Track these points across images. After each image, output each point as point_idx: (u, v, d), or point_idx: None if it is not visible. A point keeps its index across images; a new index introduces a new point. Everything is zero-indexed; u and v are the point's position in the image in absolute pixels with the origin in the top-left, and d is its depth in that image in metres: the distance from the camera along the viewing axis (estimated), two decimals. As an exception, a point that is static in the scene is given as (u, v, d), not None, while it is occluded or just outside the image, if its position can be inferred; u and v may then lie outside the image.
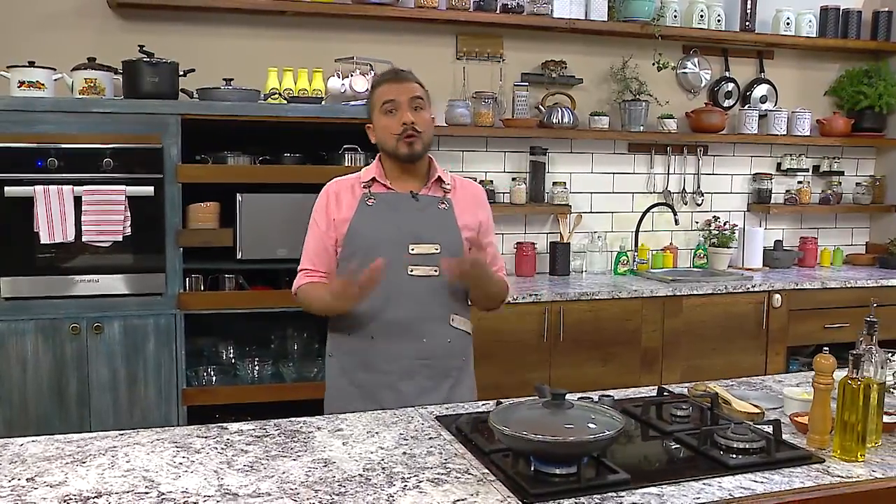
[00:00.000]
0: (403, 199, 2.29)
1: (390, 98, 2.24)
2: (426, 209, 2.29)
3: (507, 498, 1.50)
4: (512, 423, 1.58)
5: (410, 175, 2.32)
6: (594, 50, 4.41)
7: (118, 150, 3.17)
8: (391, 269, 2.17)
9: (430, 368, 2.27)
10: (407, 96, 2.24)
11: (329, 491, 1.53)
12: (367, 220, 2.26)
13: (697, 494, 1.54)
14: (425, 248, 2.24)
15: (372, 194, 2.29)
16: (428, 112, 2.30)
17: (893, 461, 1.73)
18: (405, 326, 2.24)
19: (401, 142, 2.23)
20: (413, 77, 2.32)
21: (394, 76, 2.31)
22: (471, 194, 2.41)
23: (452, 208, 2.32)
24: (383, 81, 2.31)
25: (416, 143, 2.24)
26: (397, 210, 2.27)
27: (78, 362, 3.19)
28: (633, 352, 3.93)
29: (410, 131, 2.22)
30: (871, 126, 4.87)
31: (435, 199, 2.31)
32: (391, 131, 2.24)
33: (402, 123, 2.22)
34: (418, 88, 2.28)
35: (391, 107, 2.24)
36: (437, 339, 2.28)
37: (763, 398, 2.17)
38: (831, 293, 4.29)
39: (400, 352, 2.25)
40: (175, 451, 1.74)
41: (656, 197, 4.62)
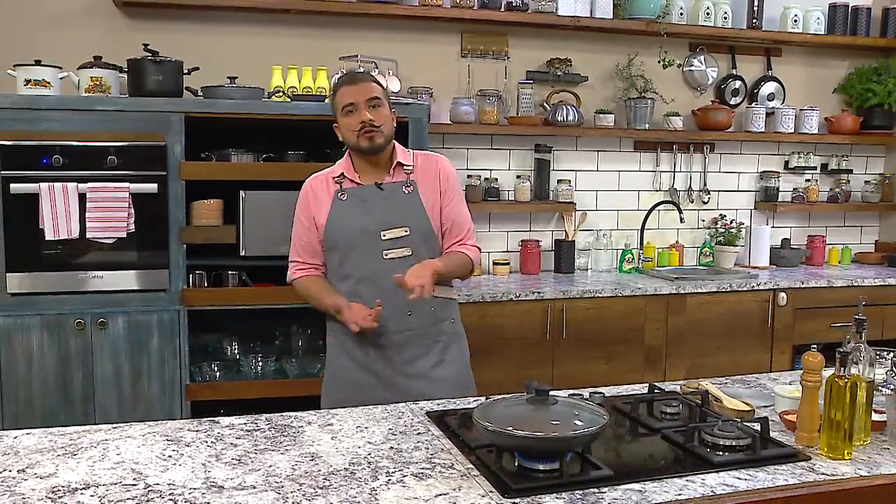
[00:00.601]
0: (370, 191, 2.48)
1: (349, 101, 2.43)
2: (392, 196, 2.48)
3: (489, 493, 1.51)
4: (496, 418, 1.60)
5: (375, 166, 2.51)
6: (599, 48, 4.40)
7: (122, 147, 3.20)
8: (369, 256, 2.44)
9: (419, 336, 2.48)
10: (364, 97, 2.42)
11: (313, 484, 1.55)
12: (341, 215, 2.47)
13: (679, 491, 1.54)
14: (396, 232, 2.45)
15: (343, 190, 2.50)
16: (385, 108, 2.47)
17: (881, 459, 1.73)
18: (390, 305, 2.40)
19: (361, 137, 2.43)
20: (369, 77, 2.53)
21: (350, 80, 2.49)
22: (430, 168, 2.56)
23: (416, 188, 2.50)
24: (341, 85, 2.49)
25: (376, 137, 2.43)
26: (366, 201, 2.47)
27: (83, 357, 3.23)
28: (636, 350, 3.92)
29: (369, 127, 2.41)
30: (880, 124, 4.83)
31: (398, 184, 2.50)
32: (352, 129, 2.44)
33: (360, 121, 2.42)
34: (375, 88, 2.46)
35: (351, 108, 2.43)
36: (421, 311, 2.47)
37: (755, 396, 2.17)
38: (838, 292, 4.26)
39: (389, 327, 2.44)
40: (166, 444, 1.77)
41: (662, 195, 4.61)
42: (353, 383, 2.48)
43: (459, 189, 2.61)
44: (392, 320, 2.43)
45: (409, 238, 2.45)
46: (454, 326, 2.58)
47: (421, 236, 2.46)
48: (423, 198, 2.50)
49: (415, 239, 2.45)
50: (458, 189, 2.60)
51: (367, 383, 2.46)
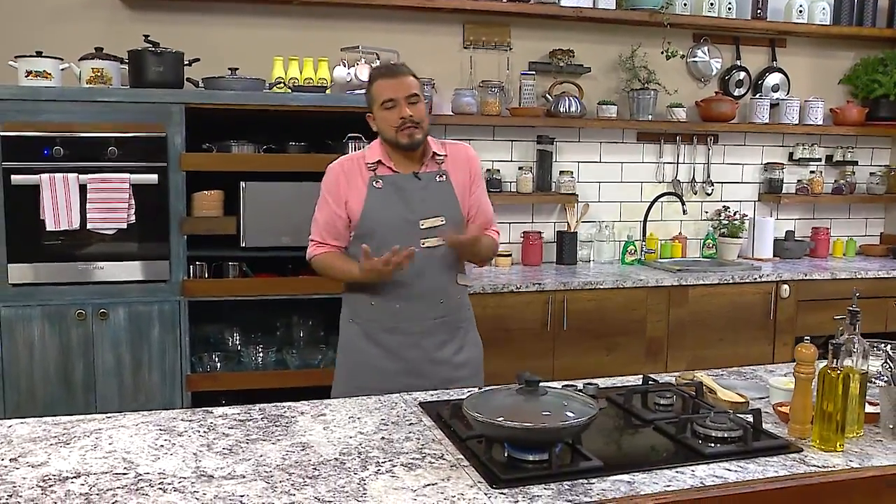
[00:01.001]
0: (407, 180, 2.50)
1: (389, 97, 2.42)
2: (428, 186, 2.51)
3: (478, 483, 1.52)
4: (486, 409, 1.60)
5: (410, 156, 2.51)
6: (602, 38, 4.38)
7: (123, 138, 3.21)
8: (407, 244, 2.39)
9: (446, 324, 2.53)
10: (404, 94, 2.42)
11: (303, 474, 1.55)
12: (378, 204, 2.47)
13: (669, 482, 1.54)
14: (432, 221, 2.48)
15: (378, 177, 2.49)
16: (423, 103, 2.48)
17: (873, 452, 1.73)
18: (426, 293, 2.48)
19: (401, 133, 2.43)
20: (407, 70, 2.49)
21: (389, 73, 2.47)
22: (459, 157, 2.60)
23: (448, 177, 2.54)
24: (379, 77, 2.48)
25: (416, 134, 2.44)
26: (403, 190, 2.48)
27: (84, 348, 3.25)
28: (637, 342, 3.92)
29: (409, 124, 2.42)
30: (886, 115, 4.79)
31: (433, 174, 2.52)
32: (391, 124, 2.43)
33: (400, 117, 2.41)
34: (414, 83, 2.46)
35: (391, 104, 2.42)
36: (451, 299, 2.55)
37: (750, 387, 2.17)
38: (841, 284, 4.24)
39: (423, 314, 2.49)
40: (158, 433, 1.77)
41: (665, 186, 4.59)
42: (377, 371, 2.48)
43: (483, 181, 2.68)
44: (428, 308, 2.49)
45: (445, 227, 2.48)
46: (470, 313, 2.67)
47: (454, 224, 2.50)
48: (455, 186, 2.54)
49: (449, 227, 2.49)
50: (482, 176, 2.68)
51: (393, 370, 2.47)
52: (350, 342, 2.59)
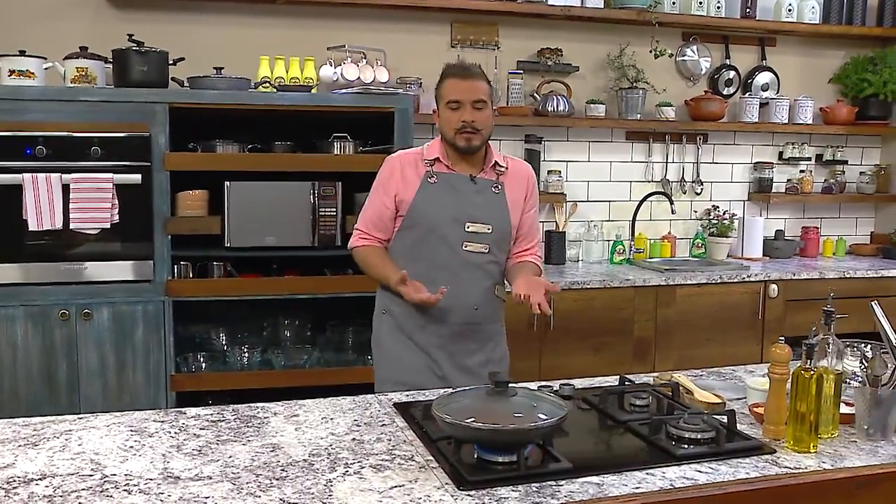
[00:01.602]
0: (462, 181, 2.47)
1: (455, 99, 2.40)
2: (482, 192, 2.48)
3: (445, 485, 1.51)
4: (454, 410, 1.59)
5: (469, 158, 2.49)
6: (591, 37, 4.37)
7: (106, 138, 3.20)
8: (449, 244, 2.44)
9: (477, 332, 2.51)
10: (471, 99, 2.39)
11: (270, 475, 1.55)
12: (429, 198, 2.45)
13: (638, 484, 1.53)
14: (479, 227, 2.45)
15: (434, 173, 2.47)
16: (488, 109, 2.45)
17: (846, 452, 1.72)
18: (460, 295, 2.44)
19: (459, 136, 2.41)
20: (479, 74, 2.46)
21: (461, 74, 2.44)
22: (520, 173, 2.57)
23: (504, 191, 2.51)
24: (450, 76, 2.45)
25: (473, 140, 2.42)
26: (457, 190, 2.46)
27: (67, 348, 3.23)
28: (625, 342, 3.91)
29: (469, 129, 2.40)
30: (876, 114, 4.79)
31: (490, 182, 2.50)
32: (452, 126, 2.41)
33: (462, 120, 2.39)
34: (482, 88, 2.43)
35: (456, 105, 2.40)
36: (485, 307, 2.51)
37: (729, 388, 2.16)
38: (830, 283, 4.22)
39: (454, 317, 2.46)
40: (129, 434, 1.76)
41: (654, 186, 4.58)
42: (411, 367, 2.47)
43: (537, 205, 2.64)
44: (459, 312, 2.46)
45: (490, 236, 2.46)
46: (502, 328, 2.63)
47: (500, 236, 2.48)
48: (509, 200, 2.51)
49: (494, 237, 2.47)
50: (537, 198, 2.63)
51: (424, 366, 2.46)
52: (382, 335, 2.58)
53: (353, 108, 3.44)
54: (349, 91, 3.53)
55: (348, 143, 3.54)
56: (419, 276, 2.41)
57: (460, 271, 2.45)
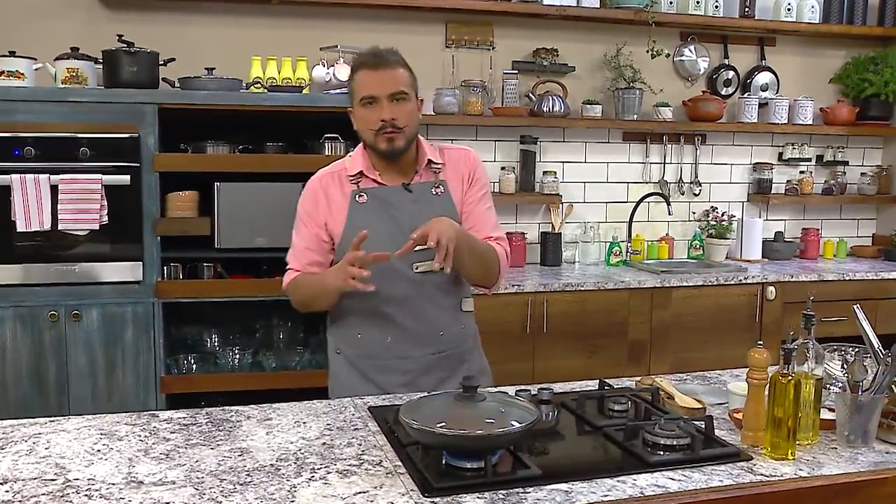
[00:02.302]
0: (396, 193, 2.17)
1: (369, 94, 2.08)
2: (421, 199, 2.17)
3: (410, 491, 1.48)
4: (423, 416, 1.56)
5: (398, 164, 2.18)
6: (587, 37, 4.34)
7: (95, 139, 3.19)
8: (397, 270, 2.11)
9: (447, 359, 2.23)
10: (387, 91, 2.07)
11: (234, 480, 1.53)
12: (361, 221, 2.12)
13: (607, 492, 1.50)
14: None
15: (361, 190, 2.17)
16: (412, 102, 2.13)
17: (825, 460, 1.68)
18: (421, 325, 2.18)
19: (379, 137, 2.11)
20: (395, 60, 2.13)
21: (373, 62, 2.10)
22: (459, 163, 2.26)
23: (447, 188, 2.21)
24: (362, 67, 2.12)
25: (397, 140, 2.11)
26: (391, 205, 2.15)
27: (56, 349, 3.23)
28: (619, 344, 3.87)
29: (390, 128, 2.09)
30: (877, 114, 4.74)
31: (428, 185, 2.19)
32: (370, 126, 2.11)
33: (380, 119, 2.08)
34: (401, 78, 2.10)
35: (370, 100, 2.09)
36: (453, 330, 2.23)
37: (712, 393, 2.13)
38: (829, 286, 4.19)
39: (419, 350, 2.19)
40: (98, 438, 1.75)
41: (652, 187, 4.55)
42: None
43: (486, 184, 2.30)
44: (424, 343, 2.19)
45: None
46: (476, 343, 2.34)
47: None
48: (455, 199, 2.22)
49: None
50: (484, 182, 2.29)
51: None
52: (339, 374, 2.28)
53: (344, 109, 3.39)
54: (340, 91, 3.51)
55: (339, 144, 3.52)
56: (370, 315, 2.16)
57: (416, 297, 2.16)
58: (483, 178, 2.29)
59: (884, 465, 1.67)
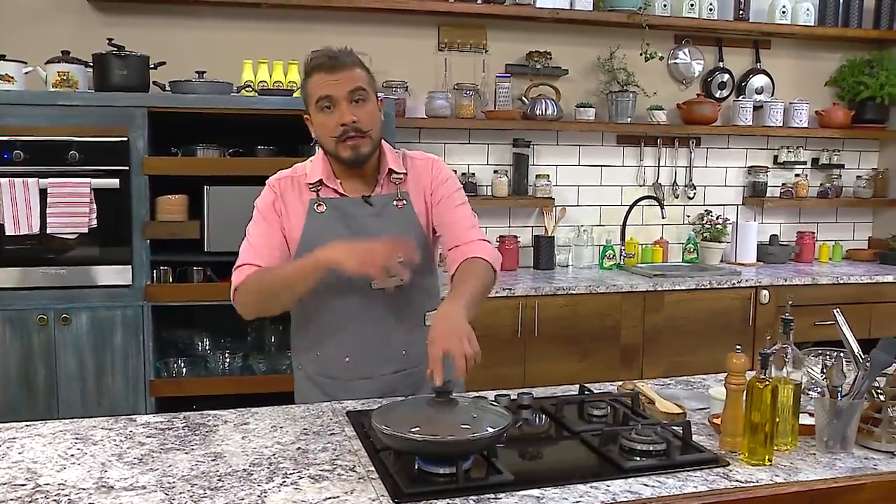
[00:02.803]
0: (356, 205, 2.05)
1: (325, 94, 1.94)
2: (382, 213, 2.06)
3: (381, 497, 1.47)
4: (395, 421, 1.55)
5: (361, 171, 2.05)
6: (580, 40, 4.33)
7: (84, 142, 3.19)
8: (353, 287, 1.99)
9: (411, 377, 2.10)
10: (344, 90, 1.93)
11: (205, 485, 1.52)
12: (319, 233, 2.01)
13: (579, 498, 1.49)
14: None
15: (321, 199, 2.05)
16: (373, 102, 1.99)
17: (803, 465, 1.67)
18: (380, 344, 2.07)
19: (341, 144, 1.97)
20: (351, 60, 1.97)
21: (327, 63, 1.95)
22: (421, 172, 2.13)
23: (409, 201, 2.09)
24: (315, 69, 1.97)
25: (361, 146, 1.97)
26: (351, 218, 2.04)
27: (46, 353, 3.22)
28: (611, 348, 3.86)
29: (352, 132, 1.95)
30: (873, 117, 4.73)
31: (389, 197, 2.07)
32: (329, 132, 1.97)
33: (340, 123, 1.94)
34: (358, 76, 1.95)
35: (327, 103, 1.95)
36: (417, 346, 2.01)
37: (694, 398, 2.12)
38: (823, 289, 4.17)
39: (380, 370, 2.09)
40: (73, 442, 1.74)
41: (646, 190, 4.54)
42: None
43: (455, 187, 2.14)
44: (385, 363, 2.08)
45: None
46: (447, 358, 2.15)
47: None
48: (418, 211, 2.09)
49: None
50: (450, 181, 2.13)
51: None
52: (303, 392, 2.18)
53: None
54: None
55: (328, 148, 3.51)
56: (326, 333, 2.06)
57: (375, 316, 2.04)
58: (448, 178, 2.14)
59: (861, 470, 1.66)
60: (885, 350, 1.77)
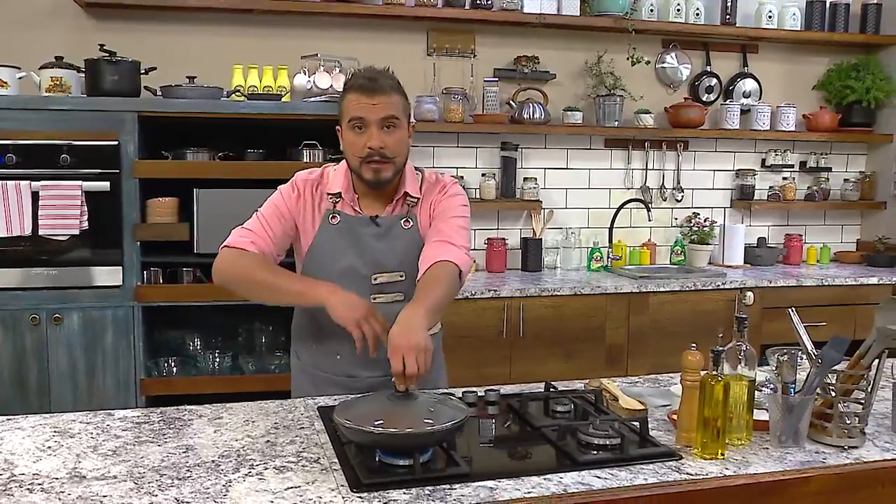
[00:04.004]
0: (364, 224, 2.11)
1: (358, 116, 1.99)
2: (387, 234, 2.12)
3: (341, 486, 1.53)
4: (357, 415, 1.61)
5: (379, 193, 2.11)
6: (568, 45, 4.39)
7: (76, 146, 3.27)
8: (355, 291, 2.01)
9: None
10: (377, 115, 1.98)
11: (174, 476, 1.58)
12: (329, 244, 2.11)
13: (531, 489, 1.55)
14: (388, 276, 2.11)
15: (336, 212, 2.11)
16: (404, 129, 2.05)
17: (754, 459, 1.72)
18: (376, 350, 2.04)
19: (365, 165, 2.02)
20: (390, 85, 2.03)
21: (367, 87, 2.00)
22: (432, 192, 2.18)
23: (416, 223, 2.14)
24: (354, 90, 2.02)
25: (383, 172, 2.02)
26: (358, 237, 2.10)
27: (38, 352, 3.30)
28: (597, 348, 3.92)
29: (377, 157, 2.00)
30: (860, 121, 4.78)
31: (397, 218, 2.12)
32: (356, 152, 2.02)
33: (367, 146, 1.99)
34: (394, 104, 2.01)
35: (359, 124, 2.00)
36: None
37: (659, 395, 2.17)
38: (807, 291, 4.22)
39: (367, 371, 2.16)
40: (50, 435, 1.81)
41: (634, 193, 4.59)
42: None
43: (458, 203, 2.16)
44: (375, 364, 2.08)
45: (404, 283, 2.10)
46: (436, 359, 2.17)
47: (416, 279, 2.03)
48: (422, 230, 2.14)
49: (410, 284, 2.06)
50: (455, 202, 2.16)
51: None
52: (297, 380, 2.29)
53: (321, 116, 3.49)
54: (320, 99, 3.58)
55: (318, 151, 3.58)
56: (324, 329, 2.11)
57: None
58: (455, 194, 2.18)
59: (810, 464, 1.71)
60: (835, 348, 1.83)
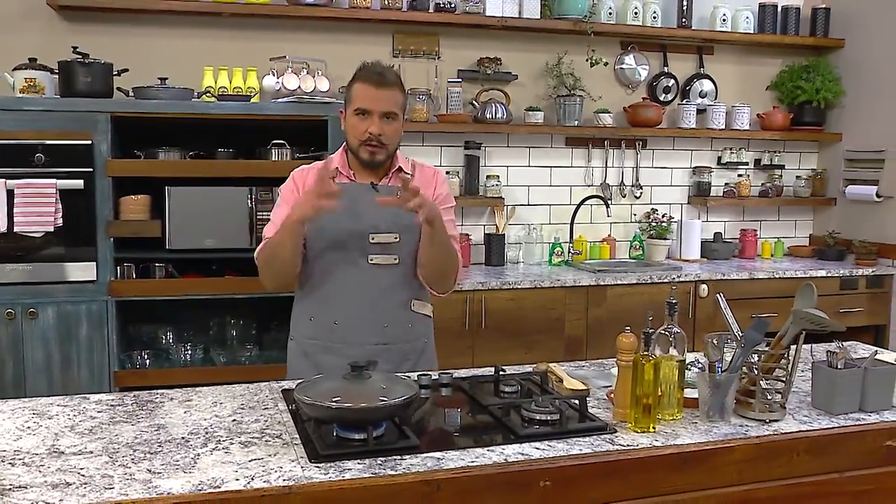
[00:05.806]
0: (363, 190, 2.35)
1: (364, 107, 2.30)
2: None
3: (300, 458, 1.67)
4: (316, 393, 1.75)
5: (372, 171, 2.40)
6: (529, 47, 4.55)
7: (50, 146, 3.37)
8: (353, 259, 2.34)
9: (389, 352, 2.37)
10: (381, 108, 2.30)
11: (146, 450, 1.71)
12: None
13: (475, 459, 1.69)
14: (384, 237, 2.35)
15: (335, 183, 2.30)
16: (399, 122, 2.37)
17: (682, 433, 1.88)
18: (367, 313, 2.35)
19: (363, 147, 2.33)
20: (395, 83, 2.35)
21: (375, 79, 2.31)
22: (426, 176, 2.48)
23: None
24: (362, 80, 2.33)
25: (377, 154, 2.33)
26: (357, 201, 2.33)
27: (13, 346, 3.40)
28: (556, 340, 4.07)
29: (375, 142, 2.31)
30: (811, 120, 4.97)
31: (394, 188, 2.32)
32: (357, 136, 2.32)
33: (368, 131, 2.30)
34: (396, 100, 2.34)
35: (363, 113, 2.31)
36: (398, 325, 2.40)
37: (602, 377, 2.33)
38: (759, 283, 4.41)
39: (362, 337, 2.35)
40: (30, 416, 1.93)
41: (595, 190, 4.76)
42: None
43: (451, 200, 2.50)
44: (368, 332, 2.36)
45: (398, 245, 2.35)
46: (426, 345, 2.51)
47: (410, 245, 2.36)
48: None
49: (403, 247, 2.35)
50: (448, 199, 2.49)
51: None
52: (291, 361, 2.49)
53: (288, 117, 3.62)
54: (284, 101, 3.70)
55: (286, 150, 3.71)
56: (322, 300, 2.37)
57: (367, 287, 2.35)
58: (446, 191, 2.50)
59: (733, 436, 1.87)
60: (757, 329, 1.99)
